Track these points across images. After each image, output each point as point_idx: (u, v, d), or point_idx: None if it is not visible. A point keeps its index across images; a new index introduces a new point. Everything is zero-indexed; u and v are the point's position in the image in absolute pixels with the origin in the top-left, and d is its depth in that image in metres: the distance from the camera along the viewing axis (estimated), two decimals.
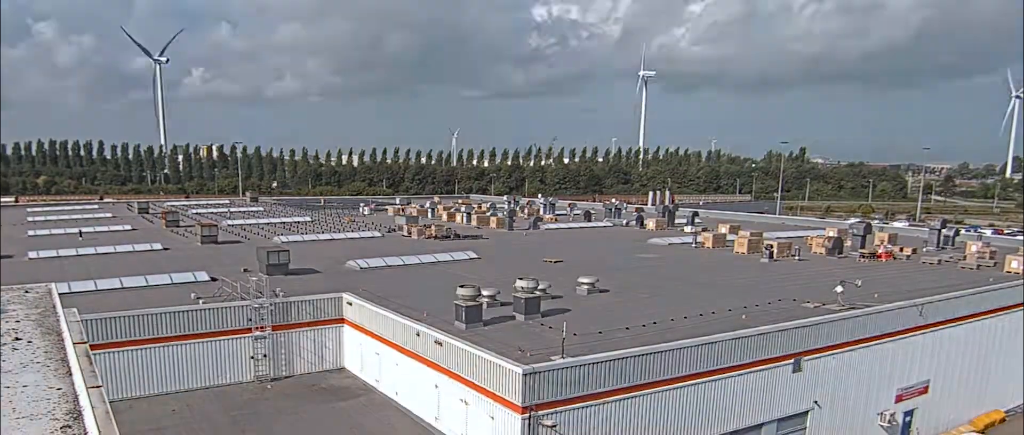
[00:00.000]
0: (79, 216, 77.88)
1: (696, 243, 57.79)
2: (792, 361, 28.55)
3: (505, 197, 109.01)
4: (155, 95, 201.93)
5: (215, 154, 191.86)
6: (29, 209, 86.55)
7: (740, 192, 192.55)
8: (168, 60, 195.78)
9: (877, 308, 31.97)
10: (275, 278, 36.08)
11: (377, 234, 61.34)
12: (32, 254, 46.11)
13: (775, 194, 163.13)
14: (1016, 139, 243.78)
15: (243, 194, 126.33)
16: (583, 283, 36.38)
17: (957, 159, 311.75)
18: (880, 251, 50.97)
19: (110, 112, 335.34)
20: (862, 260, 49.13)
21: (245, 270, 39.25)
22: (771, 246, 50.49)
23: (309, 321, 32.77)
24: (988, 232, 77.70)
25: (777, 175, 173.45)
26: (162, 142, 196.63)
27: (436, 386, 26.79)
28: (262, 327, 31.49)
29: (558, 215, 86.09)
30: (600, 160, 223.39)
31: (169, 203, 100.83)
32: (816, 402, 29.62)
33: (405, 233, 61.29)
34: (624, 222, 78.30)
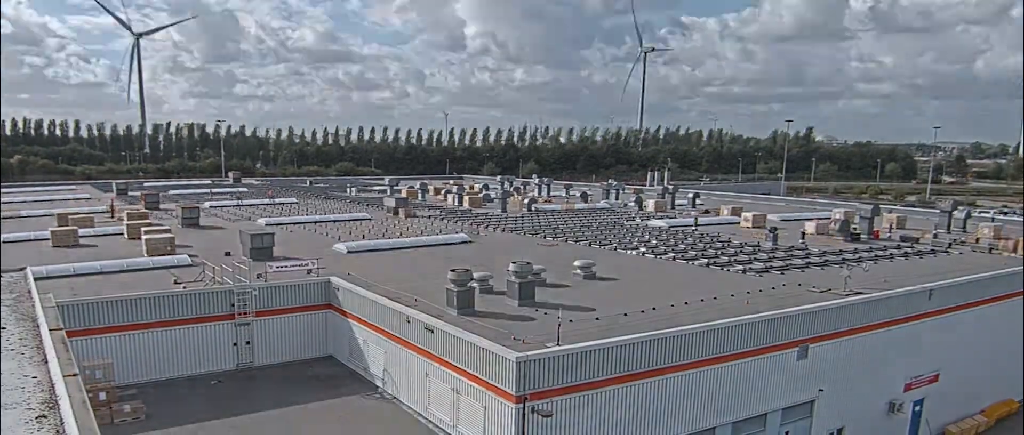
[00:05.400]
0: (56, 197, 76.49)
1: (696, 226, 56.74)
2: (797, 348, 27.44)
3: (498, 178, 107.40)
4: (124, 69, 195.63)
5: (197, 133, 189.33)
6: (4, 191, 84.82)
7: (743, 173, 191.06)
8: (142, 35, 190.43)
9: (885, 293, 30.84)
10: (259, 262, 34.82)
11: (365, 216, 60.13)
12: (6, 236, 44.78)
13: (779, 175, 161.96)
14: None
15: (225, 175, 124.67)
16: (579, 267, 35.19)
17: (970, 138, 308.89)
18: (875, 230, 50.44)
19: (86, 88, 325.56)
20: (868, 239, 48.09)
21: (227, 254, 38.05)
22: (774, 229, 49.41)
23: (294, 307, 31.58)
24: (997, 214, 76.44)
25: (782, 155, 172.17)
26: (141, 121, 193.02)
27: (426, 375, 25.77)
28: (245, 313, 30.37)
29: (554, 196, 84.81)
30: (598, 140, 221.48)
31: (149, 184, 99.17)
32: (821, 390, 28.51)
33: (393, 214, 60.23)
34: (622, 203, 77.13)
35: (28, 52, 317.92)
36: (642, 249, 43.49)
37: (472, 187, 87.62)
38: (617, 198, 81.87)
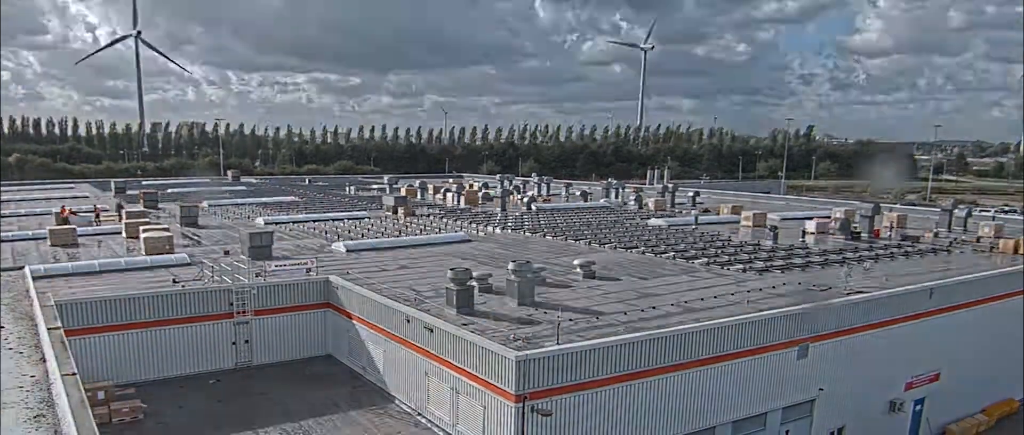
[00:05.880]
0: (54, 196, 76.31)
1: (697, 224, 56.61)
2: (797, 347, 27.34)
3: (498, 176, 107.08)
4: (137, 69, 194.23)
5: (195, 132, 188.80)
6: (3, 189, 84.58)
7: (744, 172, 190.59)
8: (140, 32, 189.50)
9: (886, 292, 30.73)
10: (258, 261, 34.71)
11: (365, 215, 60.01)
12: (6, 234, 44.70)
13: (780, 173, 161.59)
14: None
15: (224, 173, 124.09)
16: (579, 266, 35.06)
17: (971, 136, 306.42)
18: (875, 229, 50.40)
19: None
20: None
21: (226, 252, 37.96)
22: (774, 227, 49.30)
23: (293, 305, 31.48)
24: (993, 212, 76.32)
25: (783, 154, 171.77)
26: (140, 118, 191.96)
27: (425, 374, 25.67)
28: (244, 312, 30.28)
29: (554, 195, 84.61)
30: (598, 138, 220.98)
31: (148, 182, 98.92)
32: (821, 389, 28.42)
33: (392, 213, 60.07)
34: (621, 202, 76.97)
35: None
36: (641, 247, 43.40)
37: (472, 186, 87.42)
38: (617, 197, 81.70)
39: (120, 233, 46.04)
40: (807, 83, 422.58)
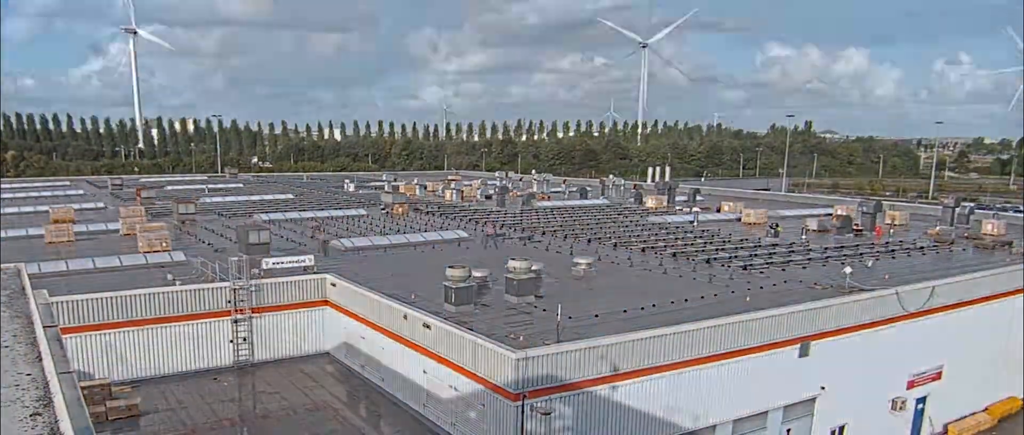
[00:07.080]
0: (50, 193, 76.06)
1: (697, 222, 56.43)
2: (799, 345, 27.16)
3: (497, 174, 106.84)
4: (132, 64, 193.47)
5: (191, 127, 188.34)
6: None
7: (744, 168, 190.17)
8: (137, 31, 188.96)
9: (887, 290, 30.50)
10: (255, 258, 34.44)
11: (363, 212, 59.78)
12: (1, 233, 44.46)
13: (780, 170, 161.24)
14: None
15: (222, 170, 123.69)
16: (579, 264, 34.87)
17: (972, 133, 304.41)
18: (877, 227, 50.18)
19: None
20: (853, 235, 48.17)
21: (217, 250, 37.69)
22: (775, 225, 49.15)
23: (291, 303, 31.24)
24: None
25: (783, 150, 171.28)
26: (136, 115, 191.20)
27: (424, 372, 25.48)
28: (241, 310, 30.02)
29: (552, 192, 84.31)
30: (596, 134, 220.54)
31: (144, 179, 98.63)
32: (823, 388, 28.24)
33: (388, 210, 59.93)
34: (619, 200, 76.73)
35: None
36: (642, 245, 43.21)
37: (471, 184, 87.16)
38: (616, 194, 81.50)
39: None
40: None
